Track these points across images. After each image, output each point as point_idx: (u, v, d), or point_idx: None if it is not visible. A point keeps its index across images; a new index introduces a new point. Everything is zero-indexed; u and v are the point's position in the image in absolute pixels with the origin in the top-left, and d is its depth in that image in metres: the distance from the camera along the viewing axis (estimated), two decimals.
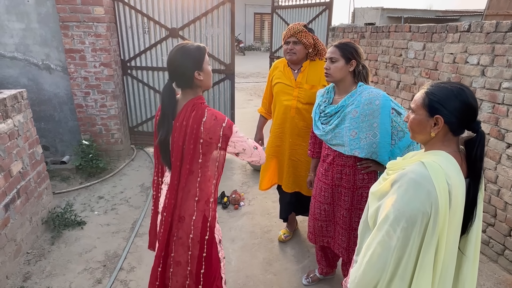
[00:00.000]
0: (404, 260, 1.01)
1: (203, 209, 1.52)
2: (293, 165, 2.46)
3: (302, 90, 2.28)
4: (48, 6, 3.59)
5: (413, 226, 0.98)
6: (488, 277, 2.42)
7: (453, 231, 1.02)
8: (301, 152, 2.39)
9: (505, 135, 2.38)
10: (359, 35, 4.41)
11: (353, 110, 1.72)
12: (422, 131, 1.10)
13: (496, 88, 2.43)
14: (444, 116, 1.03)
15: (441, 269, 1.02)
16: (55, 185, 3.55)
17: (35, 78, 3.79)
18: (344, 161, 1.83)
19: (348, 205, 1.87)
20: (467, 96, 1.03)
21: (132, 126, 4.53)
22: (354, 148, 1.75)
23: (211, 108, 1.48)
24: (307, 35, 2.22)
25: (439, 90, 1.05)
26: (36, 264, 2.46)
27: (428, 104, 1.06)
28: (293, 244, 2.77)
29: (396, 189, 1.02)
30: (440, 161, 1.01)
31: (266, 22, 20.73)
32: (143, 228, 2.91)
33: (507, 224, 2.42)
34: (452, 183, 0.98)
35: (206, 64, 1.48)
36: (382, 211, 1.06)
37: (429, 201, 0.96)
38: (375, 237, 1.06)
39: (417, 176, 0.99)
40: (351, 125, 1.73)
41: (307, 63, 2.32)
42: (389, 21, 15.41)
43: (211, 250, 1.58)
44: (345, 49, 1.73)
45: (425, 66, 3.18)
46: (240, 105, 7.08)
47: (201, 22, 4.08)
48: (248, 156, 1.53)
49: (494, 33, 2.43)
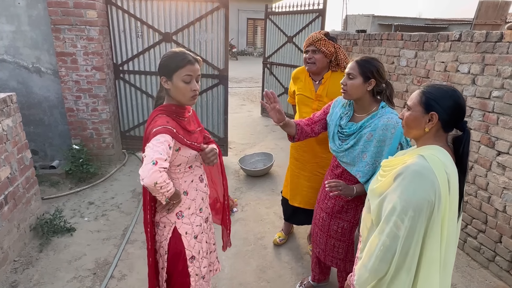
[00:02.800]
0: (411, 250, 1.08)
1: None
2: (316, 180, 2.34)
3: (321, 103, 2.21)
4: (40, 8, 3.54)
5: (419, 214, 1.06)
6: (480, 283, 2.44)
7: (453, 216, 1.12)
8: (323, 164, 2.31)
9: (495, 142, 2.42)
10: (352, 42, 4.46)
11: (368, 133, 1.66)
12: (417, 127, 1.19)
13: (486, 97, 2.47)
14: (439, 113, 1.13)
15: (444, 251, 1.11)
16: (44, 191, 3.47)
17: (25, 81, 3.72)
18: (351, 176, 1.79)
19: (350, 217, 1.86)
20: (459, 97, 1.14)
21: (124, 131, 4.47)
22: (359, 170, 1.71)
23: (162, 116, 1.45)
24: (327, 44, 2.14)
25: (435, 89, 1.16)
26: (24, 272, 2.39)
27: (425, 101, 1.16)
28: (286, 250, 2.76)
29: (400, 181, 1.10)
30: (437, 153, 1.11)
31: (259, 27, 20.85)
32: (134, 235, 2.86)
33: (498, 230, 2.45)
34: (450, 172, 1.09)
35: (179, 78, 1.42)
36: (388, 204, 1.13)
37: (432, 189, 1.05)
38: (383, 230, 1.13)
39: (420, 168, 1.08)
40: (364, 148, 1.68)
41: (329, 74, 2.23)
42: (380, 28, 15.64)
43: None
44: (364, 66, 1.61)
45: (417, 74, 3.22)
46: (233, 110, 7.08)
47: (195, 27, 4.07)
48: (143, 164, 1.32)
49: (484, 43, 2.48)
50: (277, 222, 3.13)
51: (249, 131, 5.88)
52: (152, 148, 1.32)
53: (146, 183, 1.29)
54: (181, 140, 1.45)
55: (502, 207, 2.40)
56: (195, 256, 1.64)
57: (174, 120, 1.48)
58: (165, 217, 1.58)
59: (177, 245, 1.59)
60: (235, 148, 5.03)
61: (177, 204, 1.55)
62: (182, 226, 1.59)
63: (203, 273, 1.71)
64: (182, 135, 1.47)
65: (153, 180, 1.28)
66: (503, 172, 2.38)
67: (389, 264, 1.10)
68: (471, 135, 1.14)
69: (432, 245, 1.08)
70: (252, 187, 3.84)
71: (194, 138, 1.56)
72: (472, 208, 2.67)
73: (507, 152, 2.33)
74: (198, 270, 1.66)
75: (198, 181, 1.64)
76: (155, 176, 1.28)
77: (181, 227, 1.58)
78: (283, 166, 4.39)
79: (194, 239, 1.62)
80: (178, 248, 1.59)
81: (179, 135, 1.44)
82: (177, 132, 1.44)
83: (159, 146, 1.32)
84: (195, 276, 1.65)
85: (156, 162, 1.29)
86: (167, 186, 1.35)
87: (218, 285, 2.36)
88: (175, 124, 1.46)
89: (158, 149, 1.32)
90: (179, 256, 1.60)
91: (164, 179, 1.32)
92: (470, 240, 2.71)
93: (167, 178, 1.35)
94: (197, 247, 1.65)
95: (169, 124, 1.41)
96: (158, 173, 1.29)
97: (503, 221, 2.41)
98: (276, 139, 5.50)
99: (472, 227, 2.68)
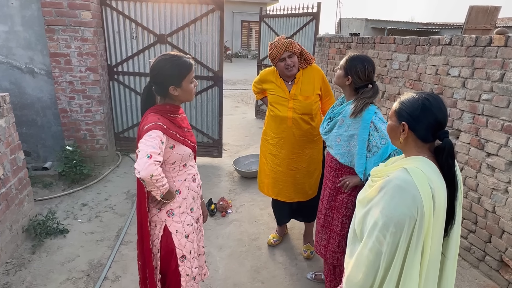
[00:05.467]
0: (393, 263, 1.05)
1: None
2: (292, 175, 2.44)
3: (297, 101, 2.26)
4: (33, 9, 3.53)
5: (401, 230, 1.02)
6: (470, 283, 2.48)
7: (438, 232, 1.08)
8: (299, 160, 2.39)
9: (484, 144, 2.47)
10: (345, 45, 4.51)
11: (340, 119, 1.86)
12: (394, 137, 1.19)
13: (476, 100, 2.53)
14: (408, 122, 1.11)
15: (426, 268, 1.07)
16: (37, 192, 3.44)
17: (18, 81, 3.70)
18: (332, 163, 1.96)
19: (349, 212, 1.91)
20: (431, 106, 1.09)
21: (118, 132, 4.46)
22: (337, 153, 1.89)
23: (153, 115, 1.48)
24: (294, 44, 2.20)
25: (408, 99, 1.14)
26: (16, 274, 2.37)
27: (398, 111, 1.15)
28: (281, 251, 2.77)
29: (382, 195, 1.07)
30: (421, 166, 1.07)
31: (253, 30, 20.91)
32: (128, 236, 2.85)
33: (488, 230, 2.50)
34: (434, 186, 1.04)
35: (187, 83, 1.48)
36: (371, 218, 1.10)
37: (415, 205, 1.01)
38: (366, 244, 1.10)
39: (402, 182, 1.04)
40: (337, 132, 1.87)
41: (300, 74, 2.29)
42: (373, 31, 15.82)
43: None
44: (349, 63, 1.79)
45: (409, 77, 3.28)
46: (227, 112, 7.09)
47: (190, 29, 4.09)
48: (137, 159, 1.34)
49: (474, 47, 2.54)
50: (271, 223, 3.15)
51: (243, 133, 5.90)
52: (145, 143, 1.35)
53: (143, 176, 1.30)
54: (173, 136, 1.48)
55: (492, 207, 2.45)
56: (186, 256, 1.64)
57: (167, 118, 1.50)
58: (156, 215, 1.59)
59: (168, 243, 1.59)
60: (229, 150, 5.04)
61: (170, 202, 1.57)
62: (172, 224, 1.59)
63: (194, 274, 1.71)
64: (175, 131, 1.50)
65: (149, 172, 1.30)
66: (492, 173, 2.43)
67: (374, 278, 1.10)
68: (452, 145, 1.09)
69: (413, 262, 1.04)
70: (247, 188, 3.85)
71: (188, 136, 1.59)
72: (463, 209, 2.72)
73: (496, 154, 2.39)
74: (189, 270, 1.67)
75: (191, 180, 1.65)
76: (151, 168, 1.30)
77: (172, 225, 1.59)
78: None
79: (185, 238, 1.63)
80: (169, 246, 1.60)
81: (171, 131, 1.47)
82: (168, 128, 1.46)
83: (151, 141, 1.35)
84: (185, 276, 1.65)
85: (151, 156, 1.31)
86: (162, 180, 1.38)
87: (213, 286, 2.37)
88: (167, 122, 1.49)
89: (151, 144, 1.34)
90: (171, 254, 1.61)
91: (160, 172, 1.35)
92: (460, 240, 2.76)
93: (162, 172, 1.38)
94: (188, 247, 1.65)
95: (159, 121, 1.44)
96: (153, 166, 1.31)
97: (492, 221, 2.46)
98: None
99: (463, 228, 2.73)
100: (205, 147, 4.48)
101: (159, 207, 1.57)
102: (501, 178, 2.36)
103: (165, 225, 1.58)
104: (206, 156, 4.51)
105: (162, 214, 1.58)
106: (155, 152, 1.33)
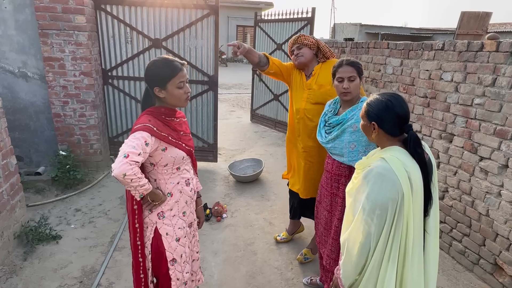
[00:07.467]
0: (382, 240, 1.21)
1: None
2: (309, 168, 2.42)
3: (311, 91, 2.30)
4: (27, 13, 3.51)
5: (385, 211, 1.19)
6: (465, 286, 2.49)
7: (418, 211, 1.23)
8: (314, 153, 2.36)
9: (477, 148, 2.50)
10: (340, 50, 4.54)
11: (353, 125, 1.82)
12: (368, 135, 1.36)
13: (468, 104, 2.56)
14: (377, 122, 1.28)
15: (412, 242, 1.22)
16: (29, 197, 3.40)
17: (10, 86, 3.66)
18: (340, 171, 1.91)
19: (340, 215, 1.89)
20: (394, 106, 1.26)
21: (112, 137, 4.43)
22: (352, 159, 1.83)
23: (145, 116, 1.49)
24: (307, 37, 2.29)
25: (374, 101, 1.30)
26: (7, 281, 2.33)
27: (366, 112, 1.32)
28: (276, 256, 2.76)
29: (366, 183, 1.24)
30: (396, 154, 1.24)
31: (248, 34, 20.99)
32: (122, 242, 2.82)
33: (481, 234, 2.52)
34: (410, 170, 1.20)
35: (173, 86, 1.47)
36: (358, 204, 1.26)
37: (395, 189, 1.18)
38: (356, 228, 1.26)
39: (382, 170, 1.21)
40: (351, 138, 1.83)
41: (319, 67, 2.33)
42: (367, 36, 15.97)
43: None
44: (358, 67, 1.85)
45: (402, 81, 3.31)
46: (222, 116, 7.09)
47: (185, 34, 4.09)
48: (117, 157, 1.35)
49: (466, 52, 2.57)
50: (266, 228, 3.14)
51: (238, 137, 5.89)
52: (127, 143, 1.36)
53: (115, 174, 1.31)
54: (164, 138, 1.48)
55: (485, 211, 2.47)
56: (177, 259, 1.63)
57: (160, 120, 1.50)
58: (147, 217, 1.59)
59: (158, 245, 1.59)
60: (224, 154, 5.03)
61: (159, 204, 1.56)
62: (162, 226, 1.59)
63: (185, 278, 1.69)
64: (167, 133, 1.50)
65: (122, 171, 1.30)
66: (485, 177, 2.45)
67: (366, 258, 1.25)
68: (418, 136, 1.27)
69: (397, 236, 1.20)
70: (242, 193, 3.84)
71: (184, 140, 1.59)
72: (457, 212, 2.73)
73: (489, 158, 2.41)
74: (180, 274, 1.65)
75: (184, 184, 1.64)
76: (124, 167, 1.30)
77: (162, 227, 1.59)
78: (272, 172, 4.41)
79: (175, 241, 1.62)
80: (159, 249, 1.60)
81: (162, 133, 1.47)
82: (159, 130, 1.46)
83: (133, 141, 1.36)
84: (176, 280, 1.64)
85: (128, 155, 1.32)
86: (138, 180, 1.36)
87: None
88: (160, 124, 1.49)
89: (132, 144, 1.35)
90: (161, 257, 1.60)
91: (135, 172, 1.34)
92: (455, 243, 2.77)
93: (139, 173, 1.37)
94: (179, 250, 1.64)
95: (150, 123, 1.45)
96: (128, 165, 1.31)
97: (486, 224, 2.47)
98: (265, 145, 5.53)
99: (457, 231, 2.74)
100: (200, 151, 4.46)
101: (149, 208, 1.56)
102: (494, 181, 2.38)
103: (155, 227, 1.59)
104: (201, 161, 4.49)
105: (153, 216, 1.58)
106: (133, 152, 1.33)
